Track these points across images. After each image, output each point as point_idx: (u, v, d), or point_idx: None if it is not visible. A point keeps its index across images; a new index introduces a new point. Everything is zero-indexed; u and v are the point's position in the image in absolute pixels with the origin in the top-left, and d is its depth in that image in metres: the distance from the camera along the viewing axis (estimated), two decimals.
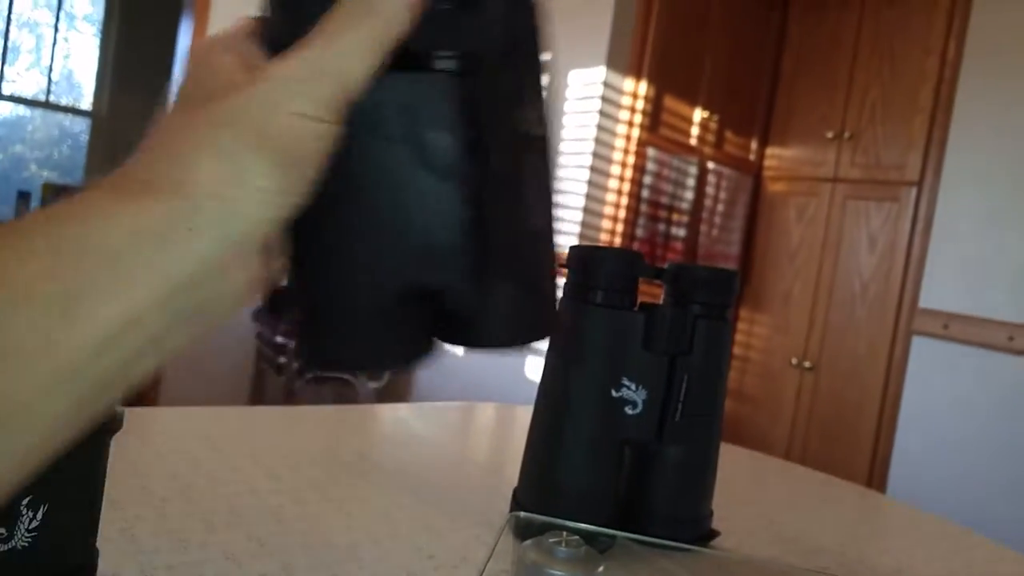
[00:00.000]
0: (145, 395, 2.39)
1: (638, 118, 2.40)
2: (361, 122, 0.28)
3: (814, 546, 0.54)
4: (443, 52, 0.28)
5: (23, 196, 4.44)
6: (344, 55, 0.24)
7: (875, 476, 2.32)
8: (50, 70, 4.47)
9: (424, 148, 0.28)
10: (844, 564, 0.50)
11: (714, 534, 0.50)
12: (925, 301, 2.29)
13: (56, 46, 4.45)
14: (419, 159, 0.28)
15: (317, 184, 0.26)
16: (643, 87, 2.40)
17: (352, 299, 0.30)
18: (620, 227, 2.39)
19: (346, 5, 0.24)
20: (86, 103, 4.56)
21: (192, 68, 0.27)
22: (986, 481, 2.09)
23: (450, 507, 0.49)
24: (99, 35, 4.53)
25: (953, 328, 2.22)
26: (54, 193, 4.42)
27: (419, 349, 0.32)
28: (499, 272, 0.30)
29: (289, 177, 0.23)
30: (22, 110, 4.52)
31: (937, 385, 2.25)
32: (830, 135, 2.51)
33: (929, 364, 2.28)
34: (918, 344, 2.30)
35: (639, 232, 2.45)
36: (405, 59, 0.28)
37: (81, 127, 4.59)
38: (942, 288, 2.26)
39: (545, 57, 0.32)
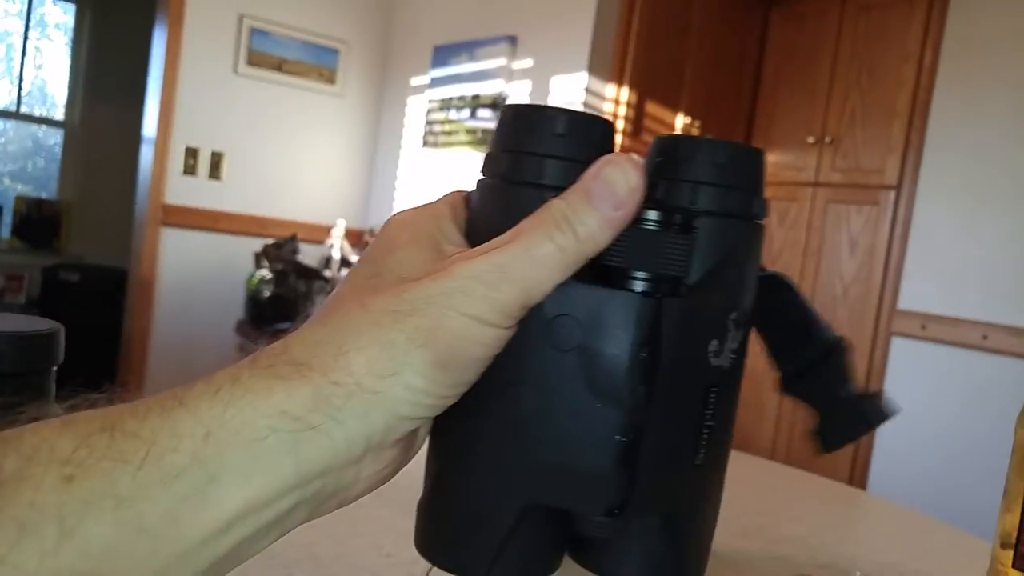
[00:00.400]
0: None
1: (620, 124, 2.41)
2: (537, 325, 0.27)
3: (776, 536, 0.54)
4: (641, 272, 0.27)
5: None
6: (534, 264, 0.24)
7: (856, 475, 2.34)
8: (20, 80, 4.39)
9: (595, 367, 0.26)
10: (804, 551, 0.51)
11: None
12: (903, 303, 2.32)
13: (26, 56, 4.38)
14: (587, 376, 0.27)
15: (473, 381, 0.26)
16: (625, 93, 2.42)
17: (479, 504, 0.29)
18: None
19: (545, 211, 0.24)
20: (59, 114, 4.48)
21: (384, 238, 0.26)
22: (964, 474, 2.12)
23: (413, 506, 0.49)
24: (70, 44, 4.46)
25: (930, 328, 2.25)
26: (26, 206, 4.34)
27: (540, 567, 0.30)
28: (644, 507, 0.28)
29: (445, 378, 0.23)
30: None
31: (915, 384, 2.28)
32: (811, 140, 2.54)
33: (907, 364, 2.31)
34: (897, 344, 2.33)
35: None
36: (599, 270, 0.27)
37: (55, 139, 4.49)
38: (919, 290, 2.29)
39: (749, 288, 0.30)
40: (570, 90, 2.45)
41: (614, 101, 2.42)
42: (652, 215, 0.27)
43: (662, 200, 0.29)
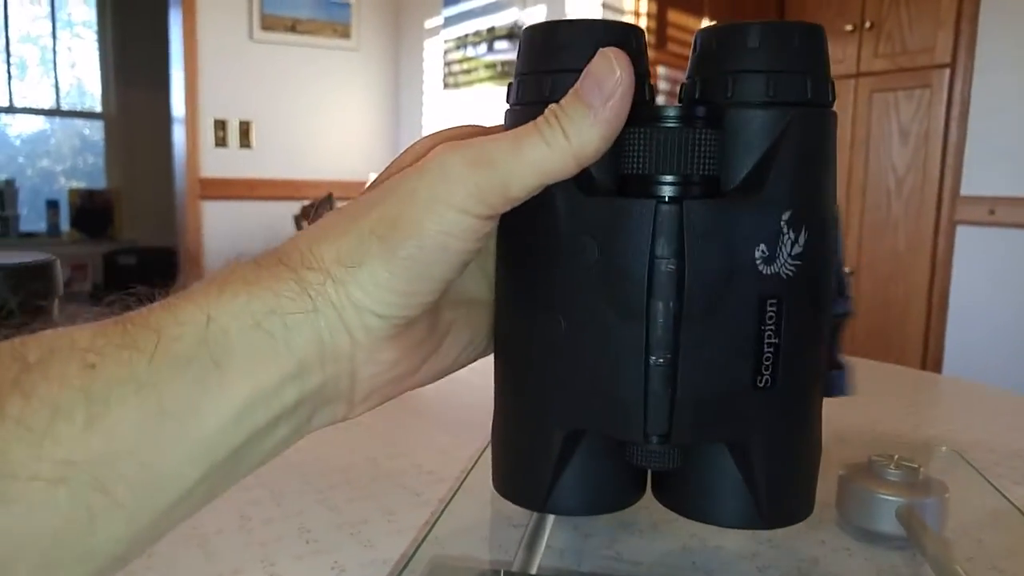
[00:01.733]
0: None
1: None
2: (558, 244, 0.25)
3: (842, 425, 0.51)
4: (666, 176, 0.24)
5: (52, 205, 4.53)
6: (519, 156, 0.23)
7: (928, 369, 2.27)
8: (56, 79, 4.50)
9: (615, 284, 0.24)
10: (877, 436, 0.48)
11: None
12: (967, 188, 2.20)
13: (59, 56, 4.48)
14: (608, 295, 0.24)
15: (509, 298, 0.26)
16: (644, 3, 2.31)
17: (527, 431, 0.28)
18: None
19: (543, 118, 0.23)
20: (97, 106, 4.59)
21: (407, 151, 0.26)
22: None
23: (457, 429, 0.48)
24: (97, 39, 4.52)
25: (1000, 212, 2.13)
26: (80, 198, 4.52)
27: (606, 500, 0.29)
28: (700, 434, 0.25)
29: (409, 272, 0.22)
30: (41, 122, 4.57)
31: (985, 273, 2.17)
32: (849, 28, 2.39)
33: (975, 253, 2.19)
34: (963, 233, 2.22)
35: None
36: (622, 181, 0.25)
37: (99, 134, 4.64)
38: (984, 173, 2.16)
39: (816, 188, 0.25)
40: (587, 7, 2.35)
41: (634, 13, 2.31)
42: (671, 111, 0.24)
43: (699, 98, 0.26)
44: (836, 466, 0.34)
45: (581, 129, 0.23)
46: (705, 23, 2.45)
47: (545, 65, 0.26)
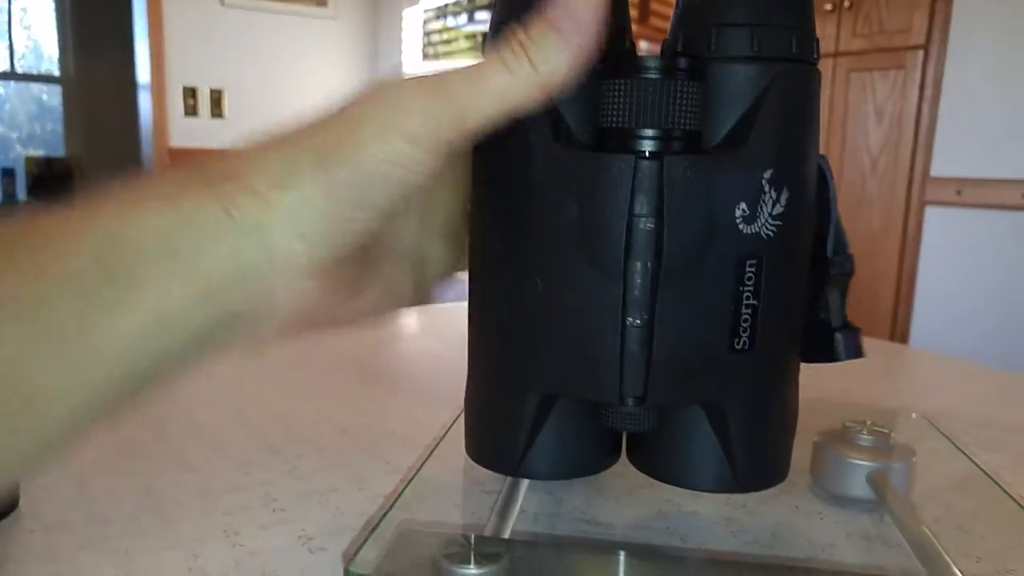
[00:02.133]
0: None
1: None
2: (535, 201, 0.24)
3: (817, 393, 0.52)
4: (647, 130, 0.23)
5: (7, 173, 4.39)
6: (479, 86, 0.21)
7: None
8: (10, 41, 4.34)
9: (593, 241, 0.23)
10: (850, 403, 0.49)
11: None
12: (937, 169, 2.22)
13: (13, 16, 4.31)
14: (586, 253, 0.24)
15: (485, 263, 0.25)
16: None
17: (500, 396, 0.27)
18: None
19: (507, 46, 0.22)
20: (55, 70, 4.43)
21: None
22: (1010, 340, 2.07)
23: (431, 399, 0.48)
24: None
25: (966, 193, 2.16)
26: (37, 166, 4.37)
27: (579, 464, 0.28)
28: (675, 397, 0.25)
29: (347, 198, 0.21)
30: None
31: (953, 252, 2.21)
32: (828, 7, 2.39)
33: (944, 233, 2.23)
34: (932, 213, 2.25)
35: None
36: (602, 134, 0.24)
37: (57, 99, 4.49)
38: (953, 154, 2.19)
39: (800, 147, 0.25)
40: None
41: None
42: (652, 62, 0.23)
43: (681, 53, 0.25)
44: (811, 432, 0.35)
45: (548, 56, 0.21)
46: None
47: (519, 13, 0.25)
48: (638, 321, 0.24)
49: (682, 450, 0.27)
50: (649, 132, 0.23)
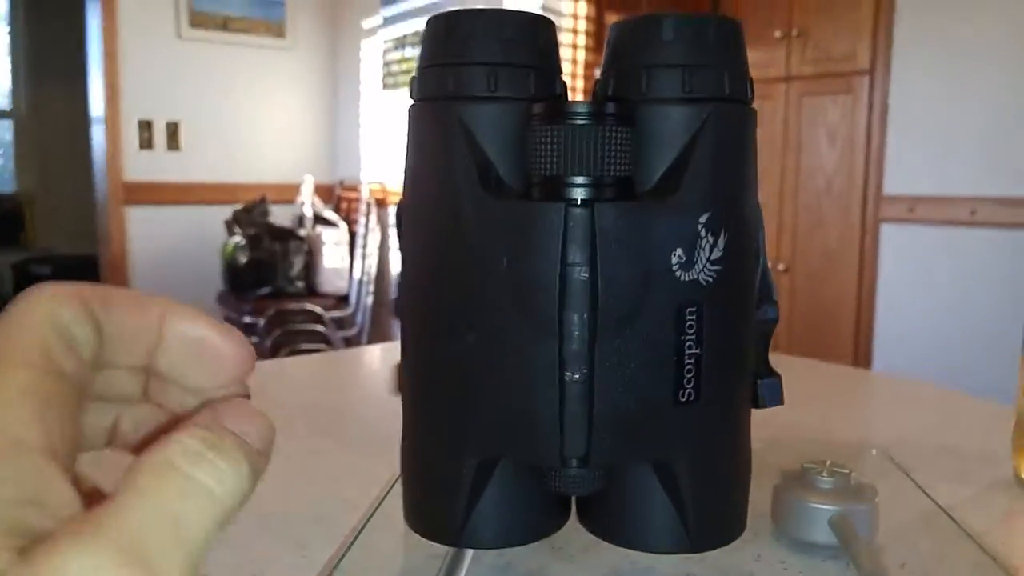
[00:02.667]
0: None
1: (582, 39, 2.33)
2: (468, 257, 0.23)
3: (781, 425, 0.51)
4: (577, 177, 0.22)
5: None
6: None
7: (859, 365, 2.34)
8: None
9: (525, 294, 0.22)
10: (813, 437, 0.48)
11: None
12: (889, 188, 2.28)
13: None
14: (518, 306, 0.22)
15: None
16: (583, 7, 2.32)
17: (436, 462, 0.26)
18: None
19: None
20: (5, 103, 4.33)
21: None
22: (964, 349, 2.12)
23: (380, 452, 0.46)
24: (8, 31, 4.29)
25: (919, 210, 2.22)
26: None
27: (525, 530, 0.27)
28: (622, 454, 0.24)
29: None
30: None
31: (908, 268, 2.27)
32: (778, 34, 2.46)
33: (898, 249, 2.28)
34: (886, 231, 2.30)
35: None
36: (534, 182, 0.23)
37: (8, 134, 4.37)
38: (904, 173, 2.25)
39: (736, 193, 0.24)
40: (526, 9, 2.35)
41: (572, 16, 2.32)
42: (581, 108, 0.22)
43: (612, 96, 0.24)
44: (771, 472, 0.34)
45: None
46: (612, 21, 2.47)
47: (448, 58, 0.24)
48: (577, 376, 0.23)
49: (632, 510, 0.26)
50: (580, 179, 0.22)
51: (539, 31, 0.24)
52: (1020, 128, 2.02)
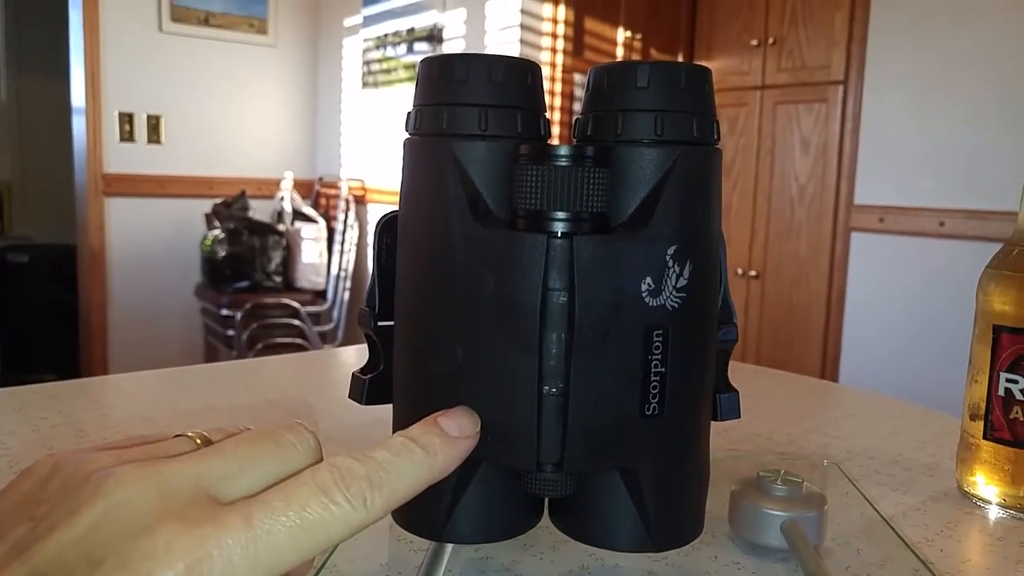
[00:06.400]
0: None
1: (561, 43, 2.35)
2: (455, 279, 0.25)
3: (741, 435, 0.54)
4: (559, 212, 0.25)
5: None
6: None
7: (827, 371, 2.39)
8: None
9: (508, 316, 0.25)
10: (771, 447, 0.51)
11: None
12: (860, 197, 2.33)
13: None
14: (502, 327, 0.25)
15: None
16: (562, 11, 2.34)
17: None
18: None
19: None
20: None
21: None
22: (929, 353, 2.17)
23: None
24: None
25: (888, 221, 2.27)
26: None
27: (503, 527, 0.29)
28: (591, 462, 0.26)
29: None
30: None
31: (877, 277, 2.31)
32: (754, 43, 2.50)
33: (868, 258, 2.33)
34: (857, 240, 2.35)
35: None
36: (518, 215, 0.26)
37: None
38: (875, 183, 2.30)
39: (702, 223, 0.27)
40: (506, 13, 2.37)
41: (552, 20, 2.34)
42: (563, 150, 0.25)
43: (591, 136, 0.27)
44: (729, 480, 0.36)
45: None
46: (620, 32, 2.50)
47: (442, 98, 0.26)
48: (554, 390, 0.25)
49: (599, 512, 0.28)
50: (560, 215, 0.25)
51: (526, 75, 0.26)
52: (988, 143, 2.08)
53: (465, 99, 0.25)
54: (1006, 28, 2.03)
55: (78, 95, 2.91)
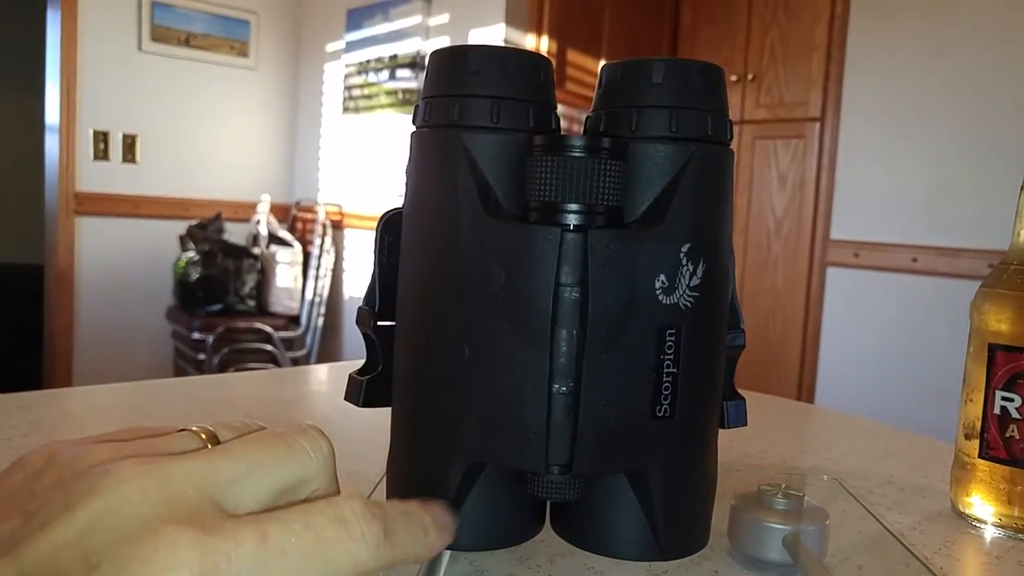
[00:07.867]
0: None
1: None
2: (464, 272, 0.25)
3: (733, 455, 0.53)
4: (572, 204, 0.24)
5: None
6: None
7: (802, 400, 2.41)
8: None
9: (519, 311, 0.24)
10: (765, 466, 0.50)
11: None
12: (836, 232, 2.37)
13: None
14: (513, 322, 0.24)
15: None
16: (544, 43, 2.37)
17: (425, 466, 0.27)
18: None
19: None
20: None
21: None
22: (903, 388, 2.20)
23: (365, 454, 0.46)
24: None
25: (863, 256, 2.31)
26: None
27: (504, 534, 0.28)
28: (600, 465, 0.25)
29: None
30: None
31: (852, 311, 2.34)
32: (734, 78, 2.55)
33: (844, 292, 2.37)
34: (832, 274, 2.39)
35: None
36: (530, 207, 0.25)
37: None
38: (850, 219, 2.34)
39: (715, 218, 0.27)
40: (490, 43, 2.40)
41: (535, 51, 2.37)
42: (578, 141, 0.24)
43: (604, 132, 0.26)
44: (729, 494, 0.35)
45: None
46: (602, 64, 2.54)
47: (454, 89, 0.25)
48: (564, 388, 0.24)
49: (606, 518, 0.27)
50: (574, 207, 0.24)
51: (538, 69, 0.26)
52: (961, 181, 2.13)
53: (477, 90, 0.25)
54: (973, 71, 2.09)
55: (52, 112, 2.88)
